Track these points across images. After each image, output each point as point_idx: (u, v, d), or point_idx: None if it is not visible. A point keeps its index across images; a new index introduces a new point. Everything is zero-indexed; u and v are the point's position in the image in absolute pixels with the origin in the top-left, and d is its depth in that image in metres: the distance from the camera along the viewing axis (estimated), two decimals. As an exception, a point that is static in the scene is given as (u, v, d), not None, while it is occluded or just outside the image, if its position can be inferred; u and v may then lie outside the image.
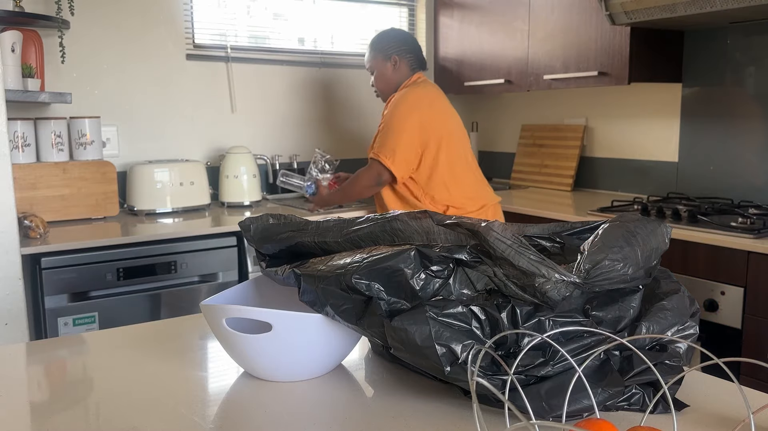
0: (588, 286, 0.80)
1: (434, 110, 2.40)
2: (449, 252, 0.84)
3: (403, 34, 2.58)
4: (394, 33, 2.56)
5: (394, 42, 2.52)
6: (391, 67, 2.51)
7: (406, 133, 2.35)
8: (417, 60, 2.54)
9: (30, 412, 0.87)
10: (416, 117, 2.36)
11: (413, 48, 2.54)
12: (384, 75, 2.54)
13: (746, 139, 2.55)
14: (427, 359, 0.79)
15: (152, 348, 1.10)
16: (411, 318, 0.80)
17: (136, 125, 2.89)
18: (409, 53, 2.52)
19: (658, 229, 0.90)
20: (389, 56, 2.51)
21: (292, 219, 1.02)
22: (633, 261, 0.83)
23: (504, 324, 0.80)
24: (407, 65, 2.52)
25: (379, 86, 2.57)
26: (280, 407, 0.87)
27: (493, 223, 0.84)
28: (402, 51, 2.51)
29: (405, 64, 2.52)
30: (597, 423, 0.64)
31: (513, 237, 0.82)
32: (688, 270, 2.13)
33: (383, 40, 2.54)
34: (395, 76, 2.53)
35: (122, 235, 2.26)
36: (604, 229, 0.88)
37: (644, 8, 2.32)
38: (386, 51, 2.52)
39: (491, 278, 0.83)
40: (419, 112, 2.36)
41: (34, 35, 2.48)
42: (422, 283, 0.83)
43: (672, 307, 0.86)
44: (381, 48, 2.53)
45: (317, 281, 0.87)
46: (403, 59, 2.51)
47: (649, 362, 0.76)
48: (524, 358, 0.80)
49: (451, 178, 2.40)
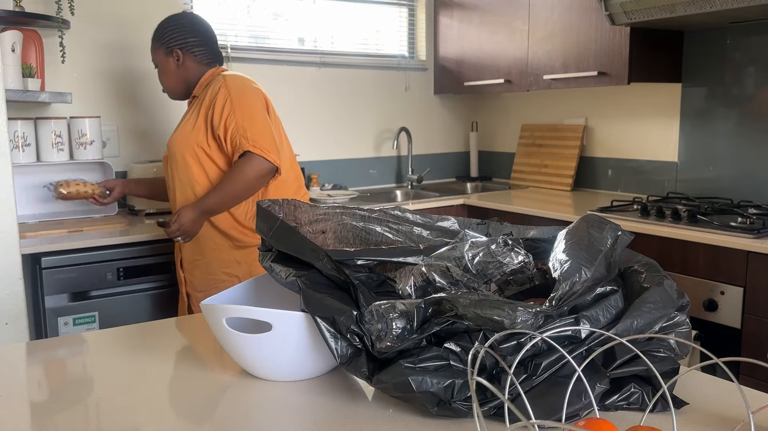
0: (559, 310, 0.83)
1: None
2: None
3: (191, 21, 2.17)
4: (179, 21, 2.15)
5: (179, 32, 2.13)
6: (173, 63, 2.14)
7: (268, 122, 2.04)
8: (213, 53, 2.18)
9: (30, 412, 0.87)
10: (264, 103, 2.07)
11: (209, 37, 2.17)
12: (166, 72, 2.17)
13: (746, 138, 2.55)
14: (414, 401, 0.82)
15: (152, 347, 1.10)
16: (389, 374, 0.83)
17: (136, 125, 2.89)
18: (204, 45, 2.15)
19: (606, 227, 0.95)
20: (174, 52, 2.13)
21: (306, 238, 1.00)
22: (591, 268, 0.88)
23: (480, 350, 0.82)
24: (195, 62, 2.14)
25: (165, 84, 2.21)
26: (280, 407, 0.87)
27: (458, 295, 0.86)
28: (191, 44, 2.13)
29: (193, 61, 2.14)
30: (597, 423, 0.64)
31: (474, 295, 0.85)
32: (687, 270, 2.13)
33: (169, 31, 2.14)
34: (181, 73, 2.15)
35: (122, 235, 2.26)
36: (561, 248, 0.92)
37: (644, 8, 2.32)
38: (170, 44, 2.13)
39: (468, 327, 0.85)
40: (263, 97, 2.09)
41: (34, 35, 2.48)
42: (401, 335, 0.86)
43: (654, 300, 0.87)
44: (166, 40, 2.14)
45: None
46: (189, 55, 2.13)
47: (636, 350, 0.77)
48: (506, 377, 0.81)
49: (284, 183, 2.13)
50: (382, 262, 1.01)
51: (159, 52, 2.15)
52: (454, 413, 0.81)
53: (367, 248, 1.06)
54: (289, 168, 2.15)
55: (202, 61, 2.15)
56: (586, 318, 0.83)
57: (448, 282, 0.96)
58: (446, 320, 0.83)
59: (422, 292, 0.95)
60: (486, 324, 0.81)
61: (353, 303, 0.89)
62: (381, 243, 1.11)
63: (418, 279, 0.97)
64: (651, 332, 0.86)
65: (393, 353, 0.84)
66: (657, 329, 0.86)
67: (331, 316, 0.86)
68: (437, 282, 0.96)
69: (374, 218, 1.13)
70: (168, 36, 2.13)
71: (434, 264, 0.97)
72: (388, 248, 1.02)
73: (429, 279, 0.96)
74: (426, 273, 0.96)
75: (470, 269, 0.96)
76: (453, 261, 0.96)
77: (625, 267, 0.97)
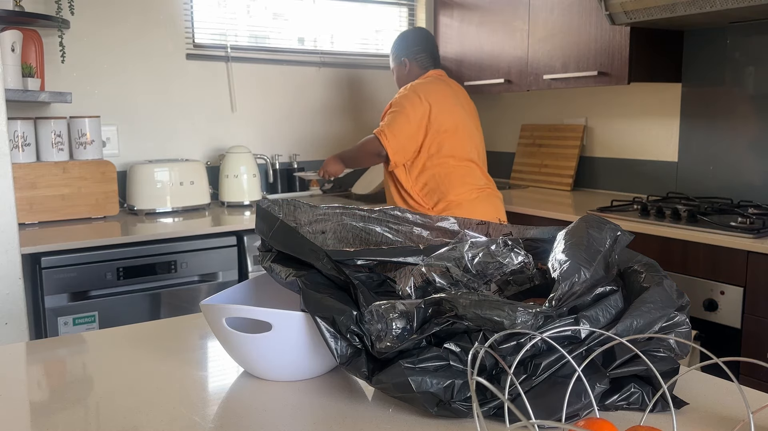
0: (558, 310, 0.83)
1: (442, 105, 2.44)
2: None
3: (415, 34, 2.65)
4: (405, 35, 2.66)
5: (404, 44, 2.62)
6: (404, 69, 2.62)
7: (413, 124, 2.41)
8: (430, 59, 2.62)
9: (30, 412, 0.87)
10: (424, 109, 2.42)
11: (426, 46, 2.62)
12: (399, 78, 2.65)
13: (746, 138, 2.55)
14: (414, 402, 0.82)
15: (152, 347, 1.10)
16: (389, 374, 0.83)
17: (136, 125, 2.89)
18: (421, 53, 2.60)
19: (606, 227, 0.95)
20: (400, 60, 2.62)
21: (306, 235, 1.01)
22: (590, 268, 0.88)
23: (480, 351, 0.82)
24: (418, 65, 2.60)
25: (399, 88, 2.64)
26: (280, 407, 0.87)
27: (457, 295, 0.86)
28: (411, 53, 2.60)
29: (416, 65, 2.60)
30: (596, 423, 0.64)
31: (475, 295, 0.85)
32: (687, 269, 2.13)
33: (396, 43, 2.66)
34: (409, 77, 2.61)
35: (122, 235, 2.26)
36: (560, 248, 0.91)
37: (644, 8, 2.32)
38: (398, 54, 2.63)
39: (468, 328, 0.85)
40: (427, 105, 2.42)
41: (34, 35, 2.48)
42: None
43: (654, 300, 0.87)
44: (394, 52, 2.66)
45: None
46: (413, 61, 2.60)
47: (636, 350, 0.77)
48: (505, 377, 0.81)
49: (445, 173, 2.43)
50: (382, 262, 1.01)
51: (393, 62, 2.67)
52: (454, 413, 0.81)
53: (367, 248, 1.06)
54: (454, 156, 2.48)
55: (424, 65, 2.61)
56: (586, 318, 0.83)
57: (448, 283, 0.96)
58: (446, 320, 0.83)
59: (422, 292, 0.95)
60: (486, 324, 0.81)
61: (353, 303, 0.89)
62: (381, 244, 1.11)
63: (418, 279, 0.97)
64: (651, 332, 0.86)
65: (393, 353, 0.84)
66: (657, 329, 0.86)
67: (331, 316, 0.86)
68: (437, 283, 0.96)
69: (374, 218, 1.13)
70: (398, 46, 2.64)
71: (434, 264, 0.97)
72: (388, 248, 1.02)
73: (429, 280, 0.96)
74: (426, 273, 0.96)
75: (470, 269, 0.96)
76: (453, 261, 0.96)
77: (624, 267, 0.97)
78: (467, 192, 2.44)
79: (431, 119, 2.41)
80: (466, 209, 2.40)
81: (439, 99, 2.45)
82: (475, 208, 2.41)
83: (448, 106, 2.46)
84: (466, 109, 2.53)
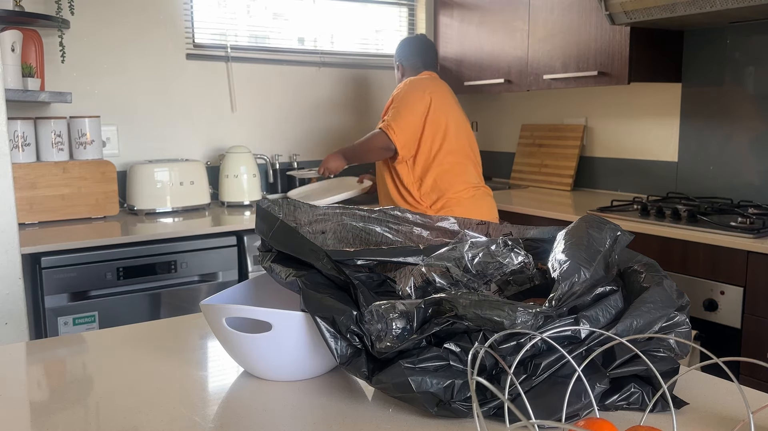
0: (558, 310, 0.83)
1: (441, 100, 2.48)
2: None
3: (410, 40, 2.74)
4: (402, 42, 2.74)
5: (399, 50, 2.72)
6: (399, 74, 2.73)
7: (417, 117, 2.44)
8: (421, 61, 2.68)
9: (30, 412, 0.87)
10: (426, 102, 2.46)
11: (418, 51, 2.69)
12: (399, 80, 2.72)
13: (746, 138, 2.55)
14: (414, 402, 0.82)
15: (152, 347, 1.10)
16: (389, 374, 0.83)
17: (136, 125, 2.89)
18: (412, 57, 2.68)
19: (605, 227, 0.95)
20: (396, 65, 2.73)
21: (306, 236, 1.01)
22: (590, 268, 0.88)
23: (480, 351, 0.82)
24: (411, 69, 2.68)
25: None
26: (280, 407, 0.87)
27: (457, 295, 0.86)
28: (403, 57, 2.69)
29: (409, 69, 2.68)
30: (596, 423, 0.64)
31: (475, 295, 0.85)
32: (687, 269, 2.13)
33: (396, 50, 2.76)
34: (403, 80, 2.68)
35: (122, 235, 2.26)
36: (560, 248, 0.92)
37: (644, 8, 2.32)
38: (395, 60, 2.74)
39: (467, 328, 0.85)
40: (429, 98, 2.47)
41: (34, 35, 2.48)
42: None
43: (654, 300, 0.87)
44: (395, 57, 2.76)
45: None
46: (406, 66, 2.69)
47: (636, 350, 0.77)
48: (505, 377, 0.81)
49: (443, 170, 2.46)
50: (382, 262, 1.01)
51: (395, 67, 2.75)
52: (453, 413, 0.81)
53: (367, 248, 1.06)
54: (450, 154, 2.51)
55: (415, 67, 2.67)
56: (586, 318, 0.83)
57: (448, 283, 0.96)
58: (446, 320, 0.83)
59: (422, 293, 0.95)
60: (486, 324, 0.81)
61: (353, 303, 0.89)
62: (381, 244, 1.11)
63: (418, 279, 0.97)
64: (651, 332, 0.86)
65: (393, 353, 0.84)
66: (657, 329, 0.86)
67: (331, 316, 0.86)
68: (437, 283, 0.96)
69: (374, 218, 1.13)
70: (396, 53, 2.73)
71: (434, 264, 0.97)
72: (388, 248, 1.02)
73: (429, 280, 0.96)
74: (426, 273, 0.96)
75: (470, 269, 0.96)
76: (453, 261, 0.96)
77: (624, 267, 0.97)
78: (465, 190, 2.45)
79: (430, 113, 2.45)
80: (465, 207, 2.41)
81: (439, 94, 2.49)
82: (472, 206, 2.43)
83: (447, 103, 2.50)
84: (460, 108, 2.58)
